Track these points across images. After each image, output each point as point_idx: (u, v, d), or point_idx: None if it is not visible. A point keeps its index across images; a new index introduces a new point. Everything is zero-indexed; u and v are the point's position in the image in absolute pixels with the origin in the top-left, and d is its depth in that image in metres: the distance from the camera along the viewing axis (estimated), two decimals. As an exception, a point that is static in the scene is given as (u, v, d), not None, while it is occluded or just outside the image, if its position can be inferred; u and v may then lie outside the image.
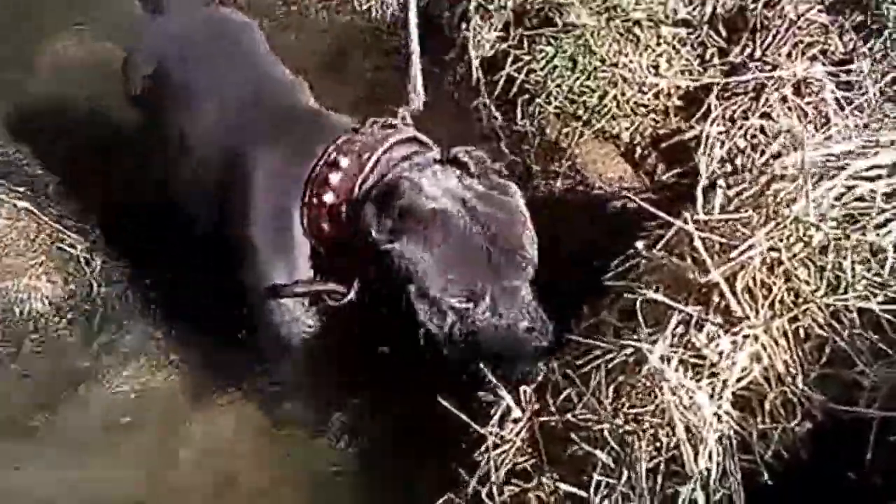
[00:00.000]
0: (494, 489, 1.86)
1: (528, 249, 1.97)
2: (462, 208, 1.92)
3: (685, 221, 1.84)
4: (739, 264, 1.76)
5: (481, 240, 1.90)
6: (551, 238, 2.45)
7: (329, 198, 2.05)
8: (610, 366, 1.85)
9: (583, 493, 1.71)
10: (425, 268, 1.89)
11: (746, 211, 1.86)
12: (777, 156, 2.22)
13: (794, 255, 1.74)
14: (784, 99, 2.51)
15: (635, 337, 1.86)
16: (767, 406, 1.68)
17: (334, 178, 2.04)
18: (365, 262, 2.01)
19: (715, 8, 2.76)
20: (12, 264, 2.53)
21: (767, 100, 2.53)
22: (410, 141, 2.12)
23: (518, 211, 2.01)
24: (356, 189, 2.02)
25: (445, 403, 1.94)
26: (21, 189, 2.73)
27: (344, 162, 2.05)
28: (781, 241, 1.76)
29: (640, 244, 2.01)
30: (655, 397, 1.74)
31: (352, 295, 2.11)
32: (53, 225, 2.66)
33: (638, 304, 1.81)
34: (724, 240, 1.83)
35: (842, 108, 2.37)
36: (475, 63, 3.00)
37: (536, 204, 2.59)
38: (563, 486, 1.73)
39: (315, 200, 2.05)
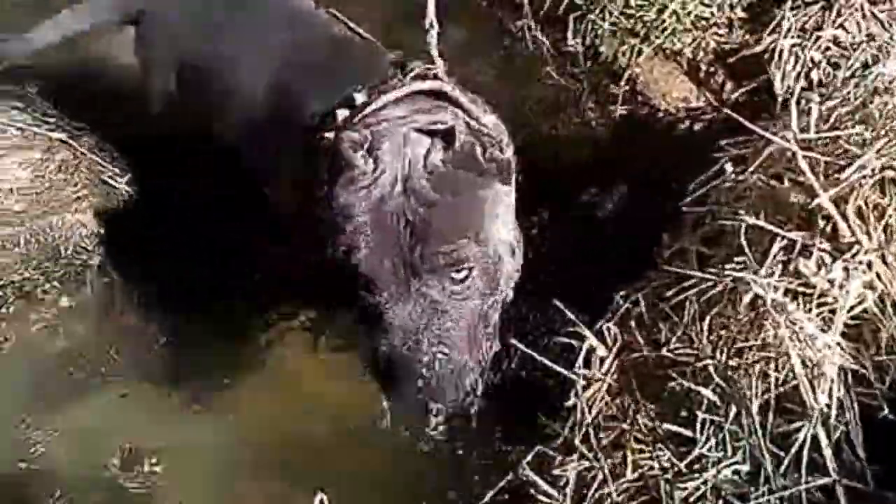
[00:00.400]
0: (591, 432, 1.75)
1: (463, 250, 1.57)
2: (399, 185, 1.59)
3: (787, 139, 1.69)
4: (849, 185, 1.63)
5: (399, 227, 1.56)
6: (613, 165, 2.34)
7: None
8: (704, 297, 1.73)
9: (687, 433, 1.60)
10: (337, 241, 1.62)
11: (851, 127, 1.72)
12: (865, 67, 2.06)
13: (911, 173, 1.61)
14: (858, 7, 2.34)
15: (729, 266, 1.74)
16: (884, 336, 1.56)
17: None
18: None
19: (782, -90, 2.56)
20: (54, 200, 2.39)
21: (840, 10, 2.36)
22: (428, 96, 1.76)
23: (474, 200, 1.63)
24: None
25: (522, 347, 1.84)
26: (52, 120, 2.56)
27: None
28: (895, 158, 1.63)
29: (728, 166, 1.88)
30: (760, 330, 1.63)
31: None
32: (91, 156, 2.50)
33: (741, 230, 1.67)
34: (828, 159, 1.69)
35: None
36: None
37: (590, 131, 2.50)
38: (667, 426, 1.62)
39: None
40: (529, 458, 1.73)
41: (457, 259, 1.57)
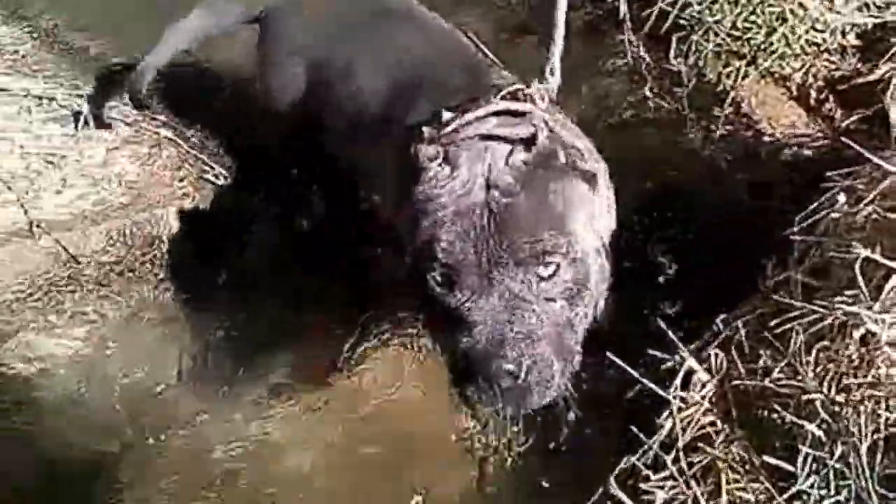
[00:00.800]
0: (681, 455, 1.72)
1: (548, 242, 1.53)
2: (481, 179, 1.57)
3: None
4: (973, 222, 1.58)
5: (482, 218, 1.53)
6: (712, 187, 2.30)
7: None
8: (812, 329, 1.69)
9: (787, 466, 1.57)
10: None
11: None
12: None
13: None
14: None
15: (839, 299, 1.69)
16: None
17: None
18: None
19: (901, -64, 2.49)
20: (159, 194, 2.47)
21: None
22: (512, 115, 1.71)
23: (559, 196, 1.59)
24: None
25: (619, 361, 1.82)
26: (162, 117, 2.64)
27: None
28: None
29: (842, 197, 1.83)
30: (870, 366, 1.58)
31: None
32: (196, 154, 2.57)
33: (857, 263, 1.63)
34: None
35: None
36: (624, -3, 2.80)
37: (691, 150, 2.46)
38: (766, 457, 1.59)
39: None
40: (617, 470, 1.71)
41: (541, 250, 1.52)
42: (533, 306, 1.53)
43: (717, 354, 1.78)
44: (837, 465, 1.54)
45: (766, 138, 2.36)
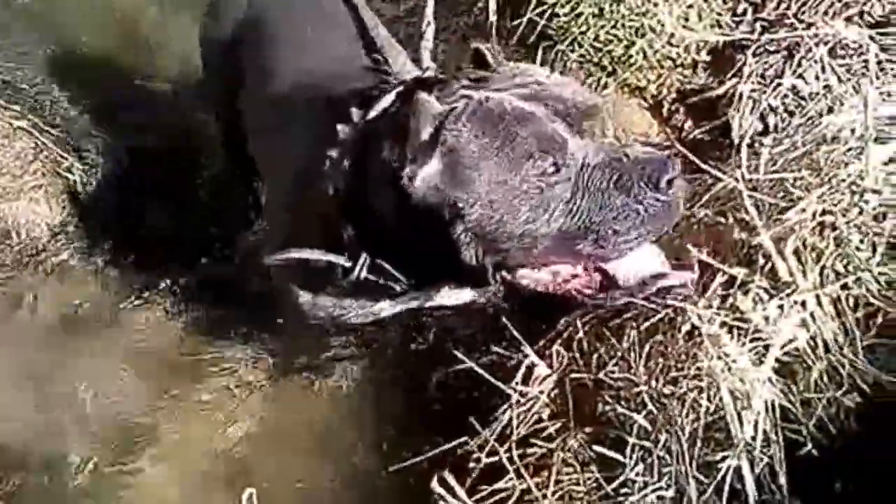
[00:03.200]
0: (514, 448, 1.77)
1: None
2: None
3: (735, 178, 1.75)
4: (789, 227, 1.68)
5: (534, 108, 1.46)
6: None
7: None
8: (644, 325, 1.77)
9: (618, 457, 1.63)
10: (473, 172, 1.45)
11: (796, 171, 1.77)
12: (819, 116, 2.12)
13: (848, 221, 1.66)
14: (818, 60, 2.41)
15: (670, 296, 1.78)
16: (813, 374, 1.60)
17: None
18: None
19: (750, -40, 2.64)
20: (8, 186, 2.37)
21: (801, 61, 2.43)
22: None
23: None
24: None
25: (463, 357, 1.87)
26: (17, 108, 2.55)
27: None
28: (835, 204, 1.68)
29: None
30: (695, 360, 1.66)
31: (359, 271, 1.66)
32: (52, 147, 2.48)
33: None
34: (773, 200, 1.74)
35: (883, 71, 2.27)
36: (492, 4, 2.86)
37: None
38: (598, 449, 1.65)
39: None
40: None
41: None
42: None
43: (558, 352, 1.83)
44: (661, 454, 1.61)
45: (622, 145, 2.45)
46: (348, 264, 1.64)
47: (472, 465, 1.74)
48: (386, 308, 1.86)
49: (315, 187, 1.66)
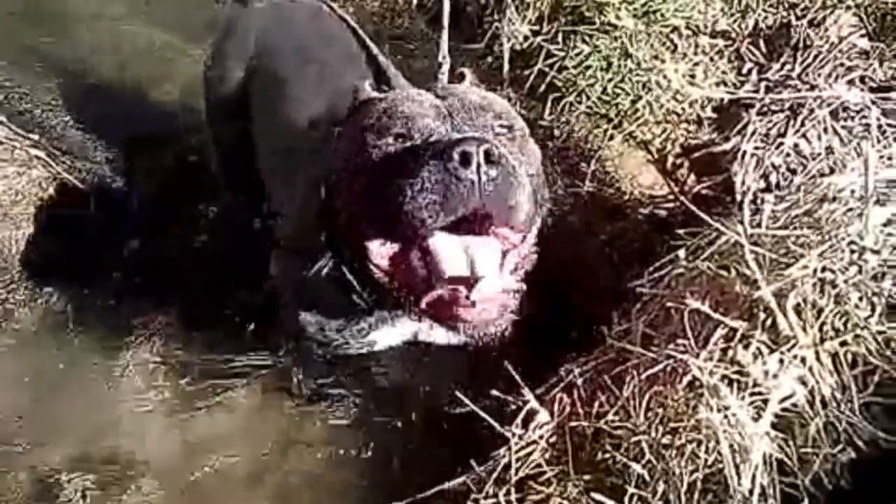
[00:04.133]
0: (512, 491, 1.79)
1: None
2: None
3: (737, 233, 1.78)
4: (790, 283, 1.71)
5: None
6: (577, 240, 2.42)
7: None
8: (645, 375, 1.79)
9: (615, 505, 1.64)
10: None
11: (798, 228, 1.81)
12: (820, 176, 2.17)
13: (848, 279, 1.69)
14: (821, 121, 2.47)
15: (671, 347, 1.80)
16: (811, 430, 1.62)
17: None
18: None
19: (757, 22, 2.72)
20: (22, 214, 2.41)
21: (803, 121, 2.49)
22: None
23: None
24: None
25: (465, 399, 1.88)
26: (35, 136, 2.61)
27: None
28: (835, 262, 1.71)
29: (681, 252, 1.95)
30: (694, 411, 1.68)
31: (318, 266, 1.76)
32: (66, 176, 2.53)
33: (685, 314, 1.74)
34: (774, 255, 1.77)
35: (884, 135, 2.33)
36: (506, 55, 2.93)
37: (560, 203, 2.58)
38: (598, 497, 1.66)
39: None
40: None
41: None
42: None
43: (560, 398, 1.85)
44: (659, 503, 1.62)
45: (626, 196, 2.49)
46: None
47: (469, 505, 1.75)
48: (380, 339, 1.92)
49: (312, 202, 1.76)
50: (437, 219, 1.43)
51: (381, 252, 1.57)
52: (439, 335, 1.94)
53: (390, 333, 1.92)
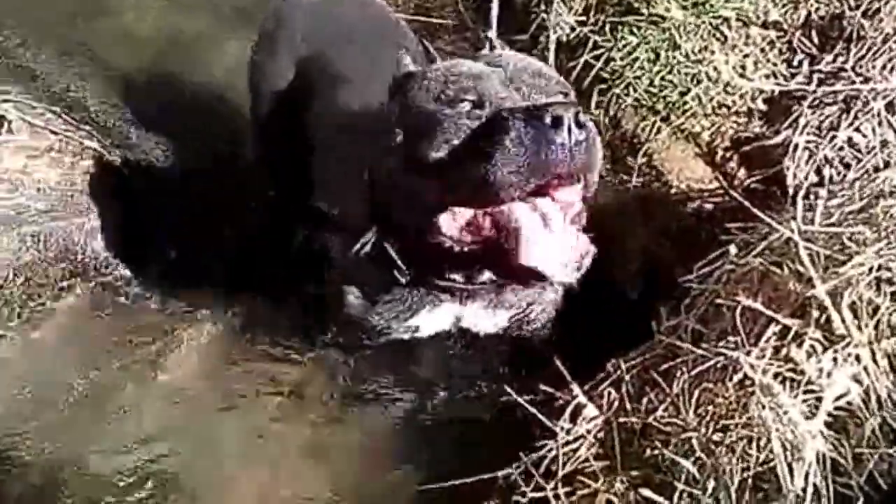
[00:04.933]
0: (560, 485, 1.79)
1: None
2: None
3: (790, 230, 1.76)
4: (846, 280, 1.69)
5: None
6: (623, 233, 2.40)
7: None
8: (695, 371, 1.78)
9: (665, 502, 1.63)
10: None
11: (854, 225, 1.78)
12: (875, 170, 2.13)
13: (906, 277, 1.66)
14: (875, 114, 2.42)
15: (722, 344, 1.79)
16: (866, 429, 1.60)
17: None
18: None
19: (809, 13, 2.67)
20: (76, 204, 2.47)
21: (857, 114, 2.44)
22: None
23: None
24: None
25: (513, 393, 1.89)
26: (87, 128, 2.66)
27: None
28: (892, 260, 1.68)
29: (732, 248, 1.93)
30: (745, 409, 1.67)
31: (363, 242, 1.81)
32: (120, 168, 2.59)
33: (738, 311, 1.73)
34: (828, 252, 1.75)
35: (941, 130, 2.28)
36: (552, 46, 2.91)
37: (608, 197, 2.56)
38: (646, 493, 1.65)
39: None
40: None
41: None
42: None
43: (608, 393, 1.85)
44: (709, 501, 1.61)
45: (674, 190, 2.47)
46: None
47: (517, 498, 1.75)
48: (423, 323, 1.96)
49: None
50: (529, 183, 1.46)
51: (453, 221, 1.59)
52: (478, 321, 1.97)
53: (433, 317, 1.95)
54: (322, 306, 2.17)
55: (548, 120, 1.41)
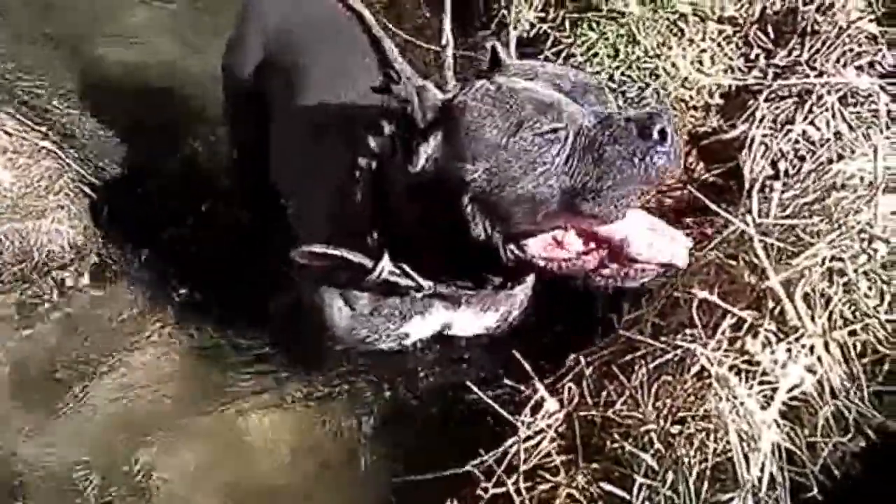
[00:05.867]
0: (521, 479, 1.79)
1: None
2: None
3: (746, 223, 1.78)
4: (799, 272, 1.71)
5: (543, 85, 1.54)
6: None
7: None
8: (654, 364, 1.79)
9: (625, 495, 1.65)
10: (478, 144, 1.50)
11: (808, 217, 1.81)
12: (829, 162, 2.16)
13: (858, 268, 1.69)
14: (829, 107, 2.46)
15: (679, 336, 1.81)
16: (820, 419, 1.62)
17: None
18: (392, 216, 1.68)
19: (764, 8, 2.70)
20: (33, 205, 2.42)
21: (812, 107, 2.47)
22: None
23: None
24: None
25: (475, 389, 1.89)
26: (44, 129, 2.62)
27: None
28: (845, 251, 1.71)
29: (689, 241, 1.95)
30: (702, 401, 1.69)
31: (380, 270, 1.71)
32: (75, 167, 2.54)
33: (694, 304, 1.74)
34: (783, 244, 1.77)
35: (893, 121, 2.31)
36: (513, 43, 2.91)
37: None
38: (606, 486, 1.67)
39: None
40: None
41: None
42: None
43: (569, 388, 1.86)
44: (668, 493, 1.63)
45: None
46: (370, 265, 1.69)
47: (479, 493, 1.76)
48: (412, 331, 1.92)
49: (348, 198, 1.75)
50: (643, 195, 1.53)
51: (542, 243, 1.55)
52: (467, 325, 1.96)
53: (424, 324, 1.92)
54: (298, 317, 2.14)
55: (656, 136, 1.41)
